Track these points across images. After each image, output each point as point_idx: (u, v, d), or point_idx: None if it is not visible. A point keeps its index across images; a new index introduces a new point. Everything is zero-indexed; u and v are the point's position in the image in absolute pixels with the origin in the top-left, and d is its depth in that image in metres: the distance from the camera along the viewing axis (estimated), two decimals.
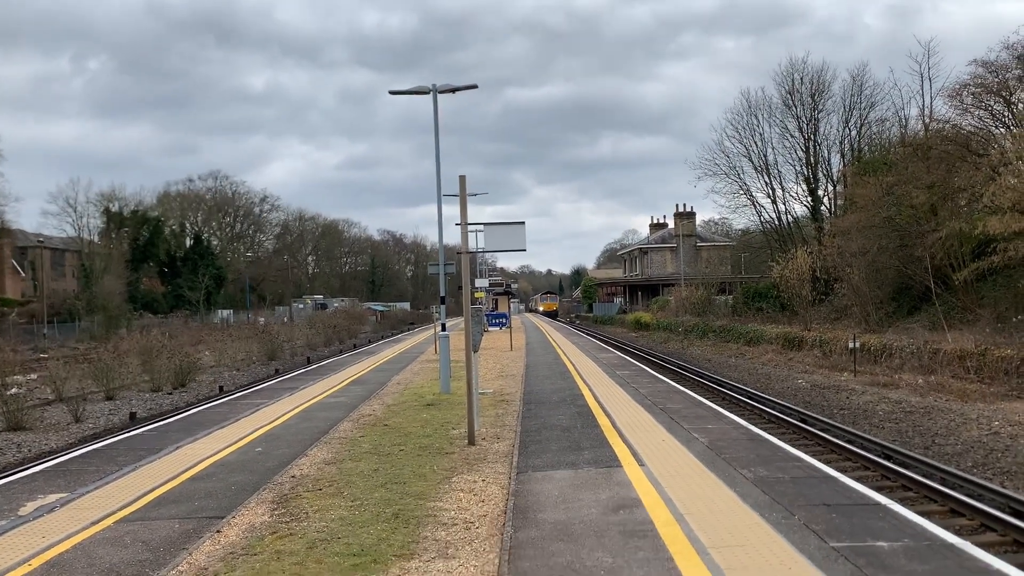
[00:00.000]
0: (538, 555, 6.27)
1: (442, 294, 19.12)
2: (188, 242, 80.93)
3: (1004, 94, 29.26)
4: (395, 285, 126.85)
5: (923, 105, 38.38)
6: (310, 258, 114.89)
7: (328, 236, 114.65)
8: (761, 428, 12.16)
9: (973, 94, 29.66)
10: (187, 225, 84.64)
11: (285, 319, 74.38)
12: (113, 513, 8.08)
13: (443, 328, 18.63)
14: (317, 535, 7.18)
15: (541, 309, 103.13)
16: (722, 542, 6.31)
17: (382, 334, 63.19)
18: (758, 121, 47.18)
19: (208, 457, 10.86)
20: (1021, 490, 10.40)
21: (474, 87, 18.35)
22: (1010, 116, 29.25)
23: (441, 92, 17.99)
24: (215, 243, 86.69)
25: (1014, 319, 25.77)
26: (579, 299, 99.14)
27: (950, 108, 31.22)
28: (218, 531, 7.39)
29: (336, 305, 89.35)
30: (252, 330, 53.63)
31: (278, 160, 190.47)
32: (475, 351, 11.84)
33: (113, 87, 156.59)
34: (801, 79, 44.74)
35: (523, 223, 11.50)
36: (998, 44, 29.87)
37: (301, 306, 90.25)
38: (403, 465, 10.04)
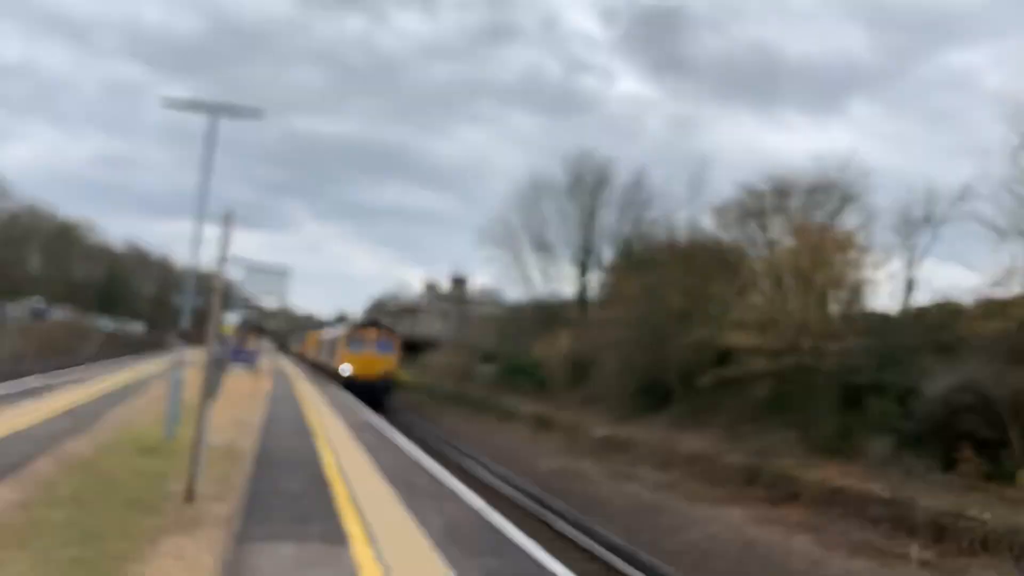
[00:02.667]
0: None
1: (184, 327, 17.70)
2: None
3: (761, 219, 32.65)
4: (132, 303, 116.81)
5: (691, 215, 41.94)
6: (36, 256, 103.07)
7: (63, 238, 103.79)
8: (499, 512, 12.22)
9: (735, 214, 32.93)
10: None
11: None
12: None
13: (177, 367, 17.18)
14: None
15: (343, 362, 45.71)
16: None
17: (108, 355, 57.61)
18: (541, 201, 49.32)
19: None
20: None
21: (259, 114, 17.49)
22: (764, 239, 32.66)
23: (220, 115, 16.98)
24: None
25: (742, 428, 28.36)
26: None
27: (715, 222, 34.50)
28: None
29: (60, 314, 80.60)
30: None
31: (17, 140, 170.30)
32: (212, 397, 10.96)
33: None
34: (587, 169, 47.54)
35: (286, 272, 10.94)
36: (763, 173, 33.51)
37: (17, 312, 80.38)
38: (107, 519, 8.92)
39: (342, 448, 17.02)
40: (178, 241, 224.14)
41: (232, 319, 40.14)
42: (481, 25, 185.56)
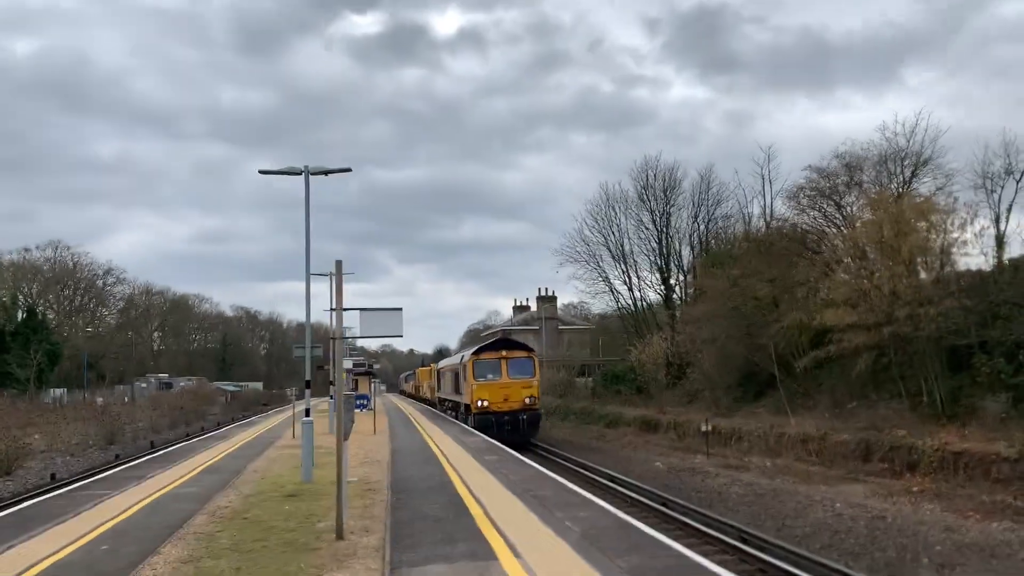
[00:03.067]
0: None
1: (307, 378, 18.54)
2: (20, 315, 75.05)
3: (835, 198, 32.15)
4: (248, 364, 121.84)
5: (764, 204, 41.53)
6: (156, 334, 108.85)
7: (177, 311, 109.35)
8: (628, 514, 12.35)
9: (808, 196, 32.50)
10: (20, 297, 78.61)
11: (126, 399, 69.79)
12: None
13: (307, 413, 18.01)
14: None
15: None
16: None
17: (233, 416, 60.25)
18: (615, 213, 49.52)
19: (46, 557, 9.90)
20: (865, 571, 11.03)
21: (348, 170, 18.35)
22: (840, 218, 32.09)
23: (314, 174, 17.87)
24: (51, 317, 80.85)
25: (848, 405, 27.70)
26: None
27: (789, 208, 34.03)
28: None
29: (183, 384, 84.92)
30: (89, 411, 49.93)
31: (125, 231, 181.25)
32: (345, 439, 11.52)
33: None
34: (655, 176, 47.57)
35: (400, 309, 11.43)
36: (830, 153, 33.07)
37: (144, 385, 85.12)
38: (267, 563, 9.51)
39: (467, 470, 17.45)
40: (281, 300, 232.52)
41: (347, 364, 41.63)
42: (531, 57, 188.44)
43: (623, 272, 49.40)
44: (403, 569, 8.87)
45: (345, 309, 10.99)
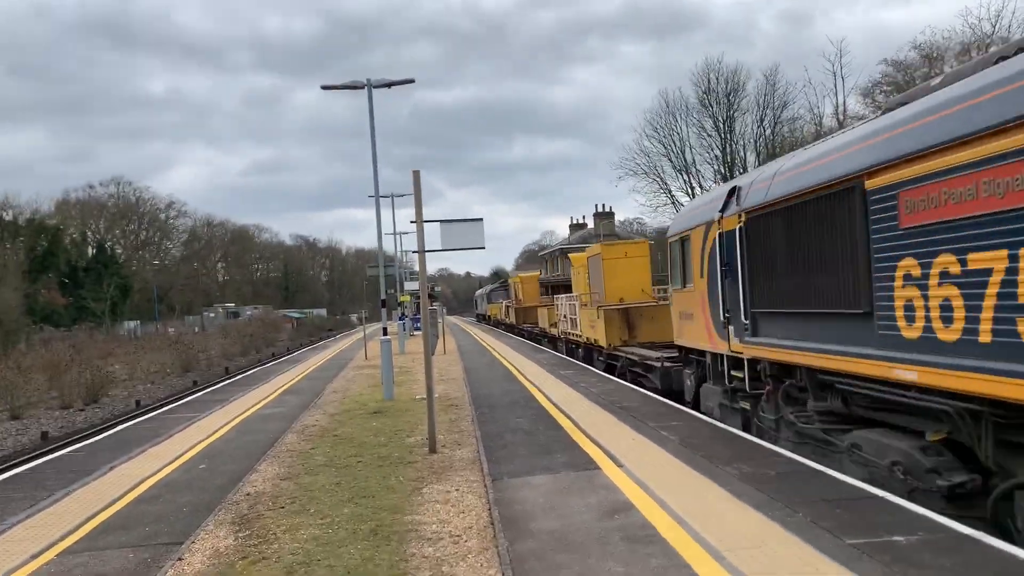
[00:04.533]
0: (543, 568, 5.84)
1: (383, 296, 18.45)
2: (90, 251, 77.12)
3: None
4: (310, 291, 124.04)
5: (837, 103, 39.71)
6: (220, 265, 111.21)
7: (238, 242, 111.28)
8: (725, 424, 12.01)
9: (885, 92, 30.86)
10: (88, 234, 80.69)
11: (197, 329, 71.75)
12: (54, 544, 7.26)
13: (384, 332, 17.97)
14: (293, 558, 6.57)
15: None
16: (736, 544, 6.02)
17: (300, 342, 61.55)
18: (676, 120, 48.08)
19: (149, 477, 10.01)
20: None
21: (411, 81, 17.80)
22: None
23: (376, 87, 17.39)
24: (119, 252, 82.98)
25: None
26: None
27: (864, 106, 32.41)
28: (180, 559, 6.69)
29: (249, 313, 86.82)
30: (164, 341, 51.44)
31: (181, 165, 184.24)
32: (433, 353, 11.32)
33: None
34: (717, 79, 45.77)
35: (481, 220, 11.07)
36: (907, 44, 31.29)
37: (212, 315, 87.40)
38: (366, 477, 9.45)
39: (546, 385, 17.29)
40: (339, 227, 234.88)
41: (412, 287, 41.75)
42: None
43: (685, 183, 48.29)
44: (504, 480, 8.70)
45: (426, 221, 10.62)
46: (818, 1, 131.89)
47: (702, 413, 12.41)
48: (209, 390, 22.74)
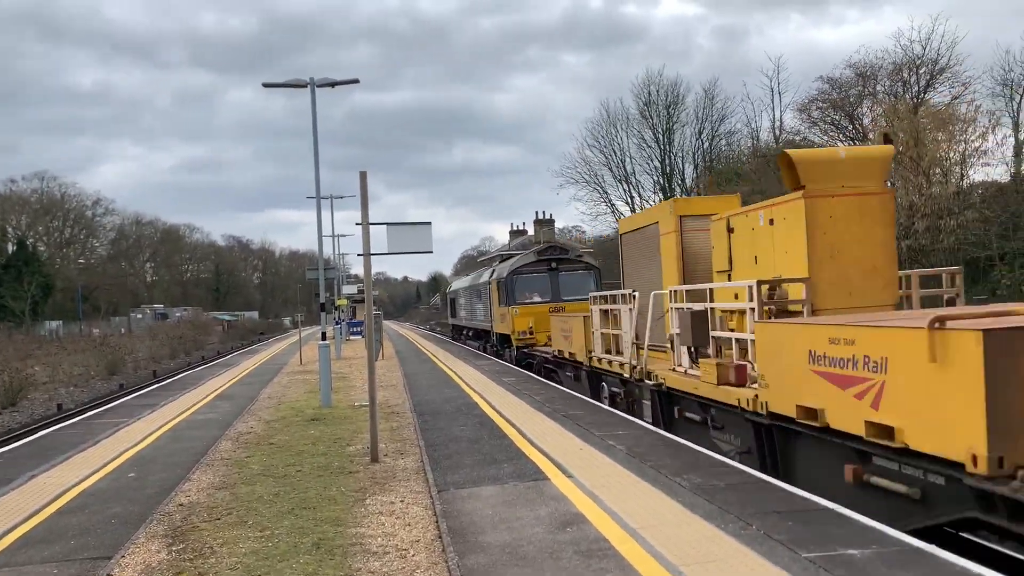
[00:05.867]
0: None
1: (322, 300, 18.01)
2: (10, 248, 73.94)
3: (847, 109, 31.34)
4: (242, 293, 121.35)
5: (774, 118, 40.63)
6: (148, 265, 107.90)
7: (168, 242, 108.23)
8: (672, 432, 12.00)
9: (820, 108, 31.67)
10: (9, 230, 77.35)
11: (123, 330, 69.40)
12: None
13: (323, 337, 17.54)
14: (232, 573, 6.25)
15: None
16: (692, 559, 5.92)
17: (232, 345, 60.08)
18: (617, 131, 48.51)
19: (73, 486, 9.48)
20: None
21: (355, 81, 17.45)
22: (853, 129, 31.34)
23: (319, 86, 16.97)
24: (42, 249, 79.77)
25: None
26: (439, 306, 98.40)
27: (799, 121, 33.18)
28: (108, 574, 6.30)
29: (178, 315, 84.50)
30: (88, 342, 49.61)
31: (110, 162, 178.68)
32: (376, 359, 11.04)
33: None
34: (657, 91, 46.35)
35: (429, 224, 10.86)
36: (842, 63, 32.24)
37: (140, 316, 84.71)
38: (306, 488, 9.11)
39: (489, 392, 17.10)
40: (273, 229, 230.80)
41: (350, 291, 41.10)
42: None
43: (625, 192, 48.71)
44: (450, 490, 8.47)
45: (372, 224, 10.34)
46: (752, 18, 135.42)
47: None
48: (137, 394, 21.91)
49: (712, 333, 10.53)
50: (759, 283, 9.61)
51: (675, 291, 11.81)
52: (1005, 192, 25.66)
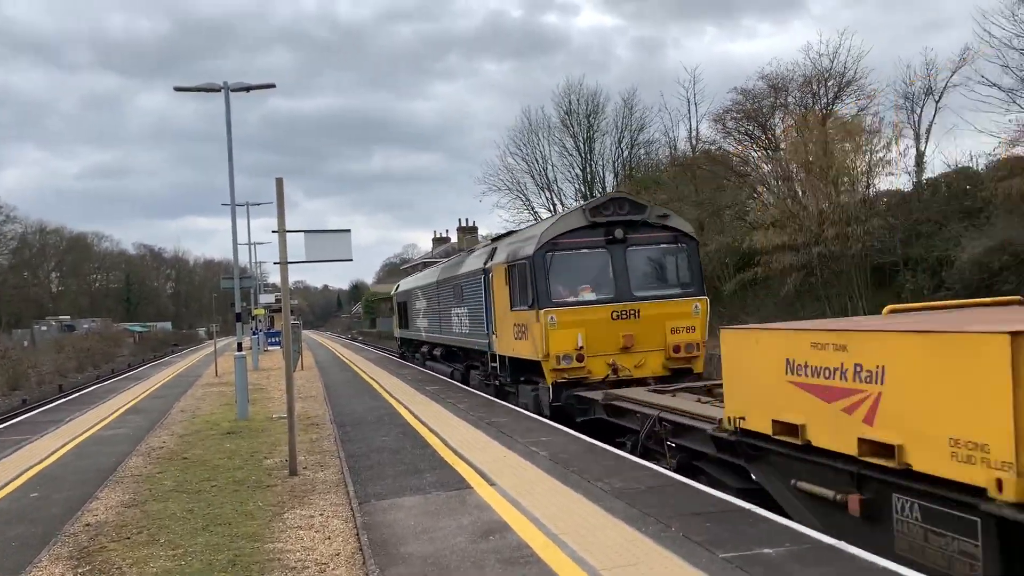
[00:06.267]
0: None
1: (238, 310, 17.56)
2: None
3: (760, 119, 32.36)
4: (154, 304, 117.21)
5: (690, 128, 41.60)
6: (54, 275, 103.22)
7: (75, 250, 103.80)
8: (593, 438, 12.09)
9: (734, 119, 32.63)
10: None
11: (26, 343, 66.28)
12: None
13: (239, 348, 17.09)
14: None
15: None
16: (614, 563, 5.97)
17: (143, 357, 58.02)
18: (539, 139, 48.86)
19: None
20: None
21: (272, 85, 17.12)
22: (766, 139, 32.38)
23: (234, 90, 16.60)
24: None
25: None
26: (360, 315, 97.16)
27: (715, 131, 34.10)
28: None
29: (86, 326, 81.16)
30: None
31: (10, 167, 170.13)
32: (295, 368, 10.81)
33: None
34: (578, 100, 46.91)
35: (348, 231, 10.69)
36: (755, 74, 33.34)
37: (44, 328, 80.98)
38: (221, 503, 8.84)
39: (410, 402, 16.95)
40: (186, 237, 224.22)
41: (267, 300, 40.19)
42: None
43: (547, 199, 49.08)
44: (372, 502, 8.35)
45: (289, 231, 10.14)
46: (669, 31, 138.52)
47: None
48: (41, 410, 20.92)
49: None
50: None
51: None
52: (908, 200, 26.86)
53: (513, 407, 15.20)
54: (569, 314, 13.65)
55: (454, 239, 77.34)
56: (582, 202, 47.38)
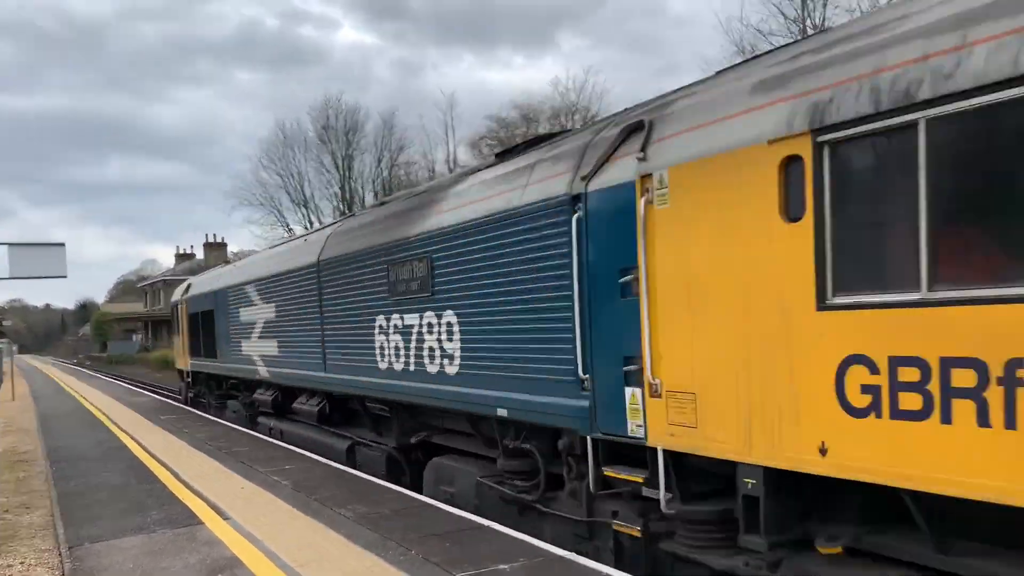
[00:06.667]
0: None
1: None
2: None
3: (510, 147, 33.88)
4: None
5: (448, 151, 42.40)
6: None
7: None
8: (343, 465, 11.79)
9: (489, 145, 33.76)
10: None
11: None
12: None
13: None
14: None
15: None
16: None
17: None
18: (294, 154, 47.52)
19: None
20: None
21: None
22: None
23: None
24: None
25: None
26: (89, 337, 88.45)
27: (471, 156, 35.09)
28: None
29: None
30: None
31: None
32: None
33: None
34: (336, 116, 46.25)
35: (62, 244, 9.67)
36: (508, 104, 34.90)
37: None
38: None
39: (141, 433, 15.62)
40: None
41: None
42: None
43: (304, 216, 47.81)
44: (85, 546, 7.50)
45: None
46: (427, 55, 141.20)
47: None
48: None
49: None
50: None
51: None
52: None
53: (256, 434, 14.51)
54: None
55: (200, 255, 73.04)
56: (340, 217, 46.77)
